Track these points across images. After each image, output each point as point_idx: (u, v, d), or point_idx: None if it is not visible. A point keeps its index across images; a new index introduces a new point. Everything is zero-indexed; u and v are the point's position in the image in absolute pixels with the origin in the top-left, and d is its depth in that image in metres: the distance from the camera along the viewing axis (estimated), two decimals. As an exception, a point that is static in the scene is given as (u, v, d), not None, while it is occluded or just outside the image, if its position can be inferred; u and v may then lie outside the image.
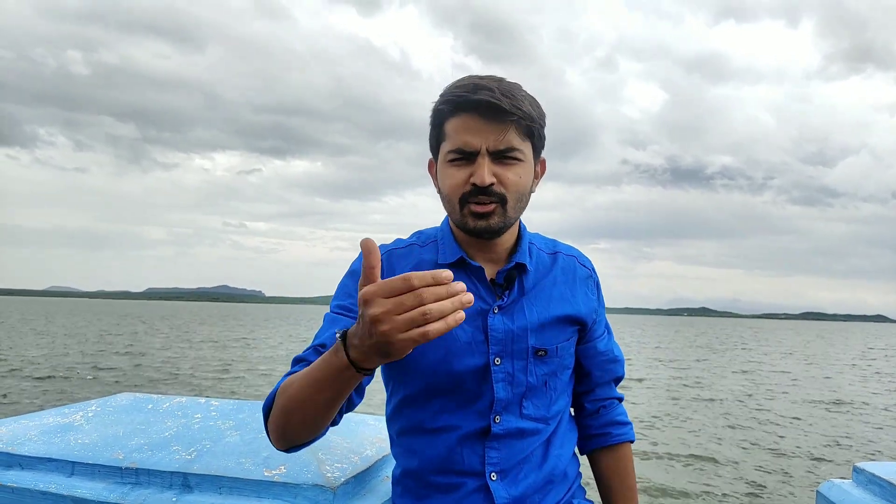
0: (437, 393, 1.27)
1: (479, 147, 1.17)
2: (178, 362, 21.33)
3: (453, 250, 1.29)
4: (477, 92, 1.15)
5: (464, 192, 1.20)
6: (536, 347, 1.27)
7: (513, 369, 1.26)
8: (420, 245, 1.34)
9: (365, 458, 1.49)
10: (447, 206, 1.26)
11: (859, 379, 22.93)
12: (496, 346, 1.25)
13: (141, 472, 1.36)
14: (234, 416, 1.67)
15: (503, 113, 1.15)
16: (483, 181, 1.16)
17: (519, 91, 1.20)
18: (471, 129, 1.17)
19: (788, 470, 8.94)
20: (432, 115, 1.25)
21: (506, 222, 1.22)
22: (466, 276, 1.28)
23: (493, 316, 1.26)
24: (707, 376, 21.62)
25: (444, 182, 1.23)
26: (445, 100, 1.20)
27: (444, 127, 1.22)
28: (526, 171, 1.23)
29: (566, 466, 1.33)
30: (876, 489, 1.46)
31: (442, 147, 1.23)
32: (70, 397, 13.47)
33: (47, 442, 1.47)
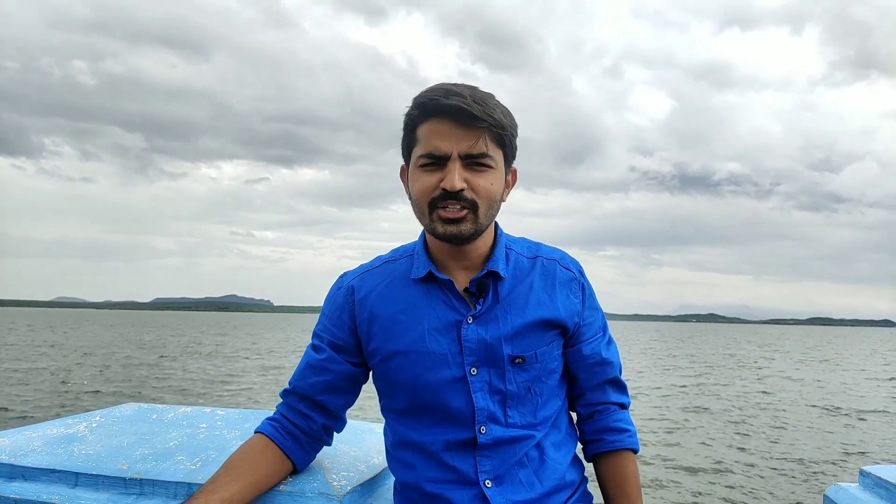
0: (420, 407, 1.28)
1: (450, 152, 1.17)
2: (183, 372, 21.32)
3: (424, 264, 1.30)
4: (449, 97, 1.15)
5: (433, 197, 1.20)
6: (513, 355, 1.26)
7: (489, 378, 1.26)
8: (395, 260, 1.36)
9: (371, 466, 1.48)
10: (416, 211, 1.26)
11: (866, 383, 22.81)
12: (471, 356, 1.25)
13: (145, 482, 1.35)
14: (240, 425, 1.66)
15: (475, 119, 1.15)
16: (453, 186, 1.17)
17: (491, 100, 1.20)
18: (442, 133, 1.17)
19: (795, 473, 8.89)
20: (404, 120, 1.25)
21: (477, 229, 1.22)
22: (438, 287, 1.29)
23: (467, 326, 1.26)
24: (715, 382, 21.53)
25: (414, 186, 1.23)
26: (417, 104, 1.20)
27: (416, 132, 1.22)
28: (497, 179, 1.23)
29: (565, 471, 1.31)
30: (883, 492, 1.45)
31: (413, 152, 1.23)
32: (74, 408, 13.47)
33: (51, 453, 1.46)
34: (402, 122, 1.25)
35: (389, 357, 1.29)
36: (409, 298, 1.29)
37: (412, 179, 1.25)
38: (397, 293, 1.31)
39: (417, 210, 1.25)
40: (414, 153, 1.23)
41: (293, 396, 1.35)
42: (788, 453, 10.25)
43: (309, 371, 1.34)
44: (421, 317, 1.27)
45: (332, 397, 1.34)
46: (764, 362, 32.55)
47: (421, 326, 1.26)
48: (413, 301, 1.29)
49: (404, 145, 1.27)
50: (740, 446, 10.72)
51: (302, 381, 1.34)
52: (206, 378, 19.67)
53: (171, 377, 19.76)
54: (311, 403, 1.34)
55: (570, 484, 1.32)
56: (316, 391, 1.33)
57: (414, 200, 1.25)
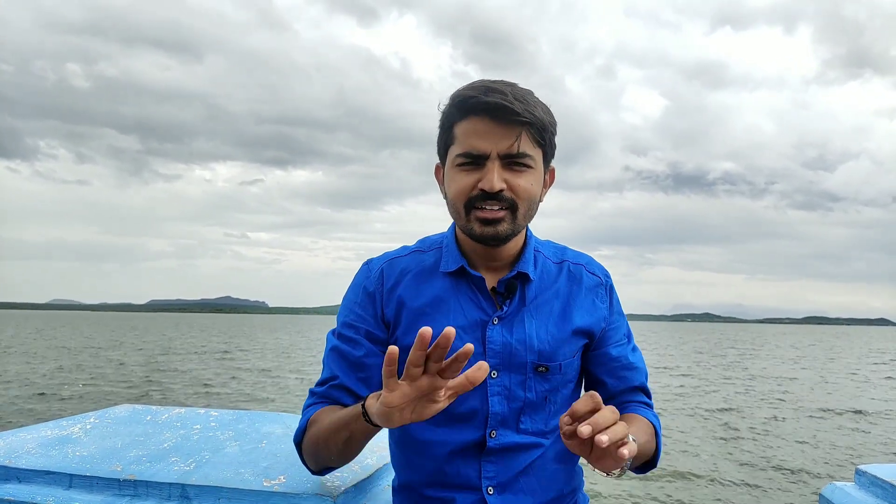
0: None
1: (489, 151, 1.13)
2: (178, 373, 21.29)
3: (456, 258, 1.26)
4: (489, 94, 1.11)
5: (470, 197, 1.16)
6: (537, 363, 1.23)
7: (510, 384, 1.22)
8: (423, 251, 1.31)
9: (365, 466, 1.48)
10: (452, 211, 1.22)
11: (862, 383, 22.88)
12: (493, 358, 1.21)
13: (139, 483, 1.35)
14: (234, 426, 1.66)
15: (515, 117, 1.11)
16: (492, 187, 1.12)
17: (532, 97, 1.16)
18: (481, 132, 1.13)
19: (791, 473, 8.91)
20: (441, 117, 1.20)
21: (514, 230, 1.18)
22: (467, 284, 1.25)
23: (493, 327, 1.22)
24: (709, 381, 21.57)
25: (451, 186, 1.19)
26: (455, 102, 1.16)
27: (454, 130, 1.17)
28: (536, 179, 1.18)
29: (569, 480, 1.29)
30: (878, 491, 1.45)
31: (450, 151, 1.19)
32: (68, 409, 13.44)
33: (45, 455, 1.46)
34: (441, 118, 1.21)
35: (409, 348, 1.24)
36: (437, 291, 1.25)
37: (449, 179, 1.20)
38: (425, 285, 1.26)
39: (453, 210, 1.21)
40: (451, 152, 1.19)
41: (341, 391, 1.24)
42: (784, 452, 10.27)
43: (348, 366, 1.25)
44: (447, 312, 1.23)
45: (370, 391, 1.26)
46: (758, 361, 32.62)
47: (446, 321, 1.21)
48: (441, 294, 1.25)
49: (440, 143, 1.23)
50: (735, 445, 10.73)
51: (346, 377, 1.24)
52: (199, 379, 19.64)
53: (165, 378, 19.73)
54: (356, 398, 1.24)
55: (569, 493, 1.30)
56: (363, 386, 1.24)
57: (450, 200, 1.21)
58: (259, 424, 1.68)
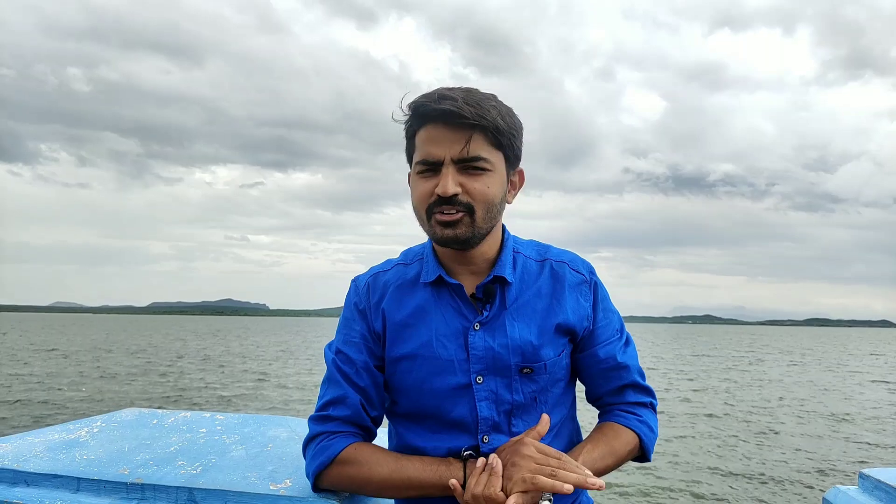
0: (422, 413, 1.26)
1: (443, 157, 1.16)
2: (183, 376, 21.29)
3: (434, 268, 1.28)
4: (440, 101, 1.14)
5: (429, 203, 1.19)
6: (521, 365, 1.24)
7: (496, 387, 1.23)
8: (406, 264, 1.34)
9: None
10: (417, 218, 1.25)
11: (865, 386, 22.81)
12: (477, 364, 1.23)
13: (146, 487, 1.35)
14: (240, 430, 1.67)
15: (465, 120, 1.13)
16: (445, 191, 1.15)
17: (488, 101, 1.18)
18: (435, 139, 1.17)
19: (794, 477, 8.89)
20: (405, 127, 1.24)
21: (475, 232, 1.20)
22: (447, 292, 1.27)
23: (474, 333, 1.24)
24: (710, 384, 21.53)
25: (413, 193, 1.23)
26: (412, 111, 1.20)
27: (415, 138, 1.21)
28: (495, 181, 1.20)
29: None
30: (882, 495, 1.45)
31: (413, 158, 1.23)
32: (75, 413, 13.45)
33: (52, 458, 1.47)
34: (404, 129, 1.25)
35: (397, 361, 1.27)
36: (419, 302, 1.28)
37: (412, 186, 1.24)
38: (407, 297, 1.29)
39: (417, 217, 1.25)
40: (413, 160, 1.23)
41: (363, 413, 1.27)
42: (786, 456, 10.25)
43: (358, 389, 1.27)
44: (430, 321, 1.26)
45: (382, 411, 1.32)
46: (759, 364, 32.55)
47: (430, 331, 1.25)
48: (423, 305, 1.27)
49: (407, 152, 1.27)
50: (737, 448, 10.71)
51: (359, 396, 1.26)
52: (205, 382, 19.63)
53: (170, 382, 19.73)
54: (372, 420, 1.30)
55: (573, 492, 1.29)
56: (371, 407, 1.29)
57: (413, 207, 1.24)
58: (265, 428, 1.68)
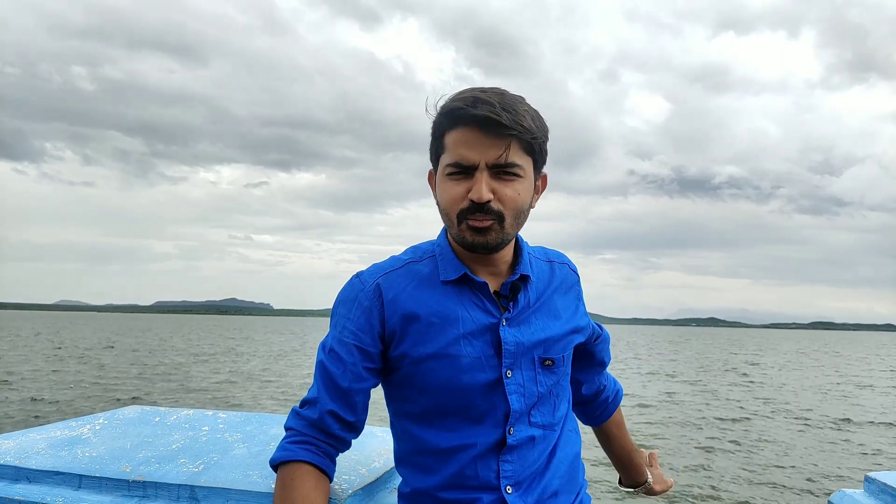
0: (446, 411, 1.25)
1: (478, 162, 1.15)
2: (186, 374, 21.33)
3: (456, 266, 1.27)
4: (477, 106, 1.13)
5: (462, 208, 1.18)
6: (543, 357, 1.28)
7: (523, 380, 1.26)
8: (417, 261, 1.31)
9: (372, 469, 1.48)
10: (445, 219, 1.24)
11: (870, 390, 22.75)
12: (508, 358, 1.24)
13: (148, 484, 1.35)
14: (242, 428, 1.66)
15: (503, 128, 1.13)
16: (480, 197, 1.14)
17: (521, 105, 1.17)
18: (469, 142, 1.15)
19: (800, 480, 8.86)
20: (433, 125, 1.23)
21: (503, 238, 1.20)
22: (469, 290, 1.27)
23: (504, 328, 1.25)
24: (714, 387, 21.49)
25: (442, 196, 1.21)
26: (445, 112, 1.18)
27: (444, 139, 1.20)
28: (525, 188, 1.20)
29: (572, 469, 1.33)
30: (888, 498, 1.44)
31: (441, 159, 1.21)
32: (77, 410, 13.49)
33: (54, 455, 1.47)
34: (432, 126, 1.23)
35: (421, 360, 1.24)
36: (441, 300, 1.26)
37: (440, 188, 1.23)
38: (428, 295, 1.26)
39: (446, 219, 1.24)
40: (441, 160, 1.22)
41: (331, 419, 1.23)
42: (791, 459, 10.22)
43: (336, 391, 1.24)
44: (454, 319, 1.24)
45: (364, 416, 1.29)
46: (763, 367, 32.48)
47: (455, 329, 1.23)
48: (445, 303, 1.25)
49: (432, 151, 1.26)
50: (741, 452, 10.69)
51: (333, 403, 1.23)
52: (207, 380, 19.68)
53: (173, 379, 19.78)
54: (345, 425, 1.26)
55: (577, 480, 1.35)
56: (349, 412, 1.25)
57: (442, 209, 1.24)
58: (267, 426, 1.68)
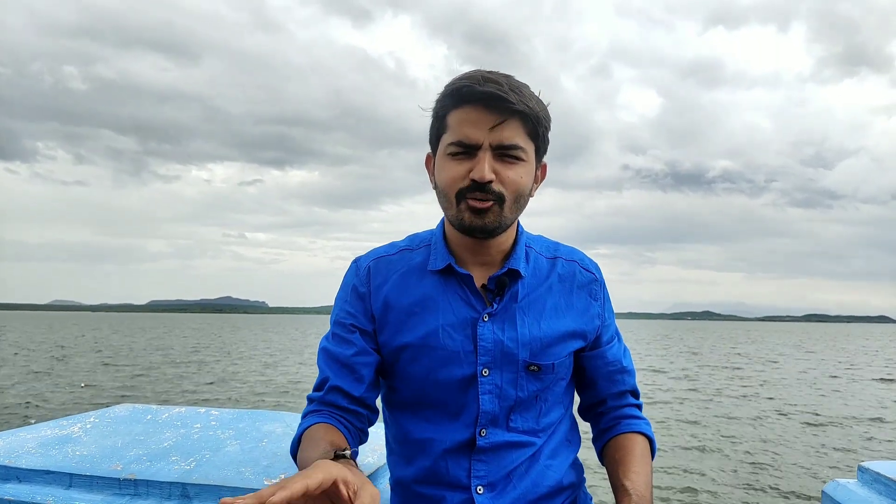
0: (423, 403, 1.24)
1: (482, 141, 1.12)
2: (179, 373, 21.30)
3: (443, 256, 1.24)
4: (484, 84, 1.10)
5: (461, 187, 1.14)
6: (529, 362, 1.21)
7: (501, 382, 1.20)
8: (412, 249, 1.29)
9: (366, 465, 1.48)
10: (443, 200, 1.19)
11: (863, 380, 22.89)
12: (485, 356, 1.19)
13: (140, 483, 1.34)
14: (234, 425, 1.66)
15: (510, 105, 1.10)
16: (483, 177, 1.11)
17: (527, 89, 1.15)
18: (474, 121, 1.12)
19: (793, 470, 8.91)
20: (435, 105, 1.18)
21: (501, 222, 1.16)
22: (455, 282, 1.23)
23: (483, 324, 1.20)
24: (710, 379, 21.59)
25: (442, 175, 1.17)
26: (450, 90, 1.14)
27: (447, 118, 1.16)
28: (527, 172, 1.17)
29: (561, 477, 1.25)
30: (881, 488, 1.44)
31: (442, 139, 1.17)
32: (68, 409, 13.45)
33: (45, 454, 1.46)
34: (434, 106, 1.19)
35: (400, 349, 1.22)
36: (426, 290, 1.23)
37: (439, 167, 1.19)
38: (413, 284, 1.24)
39: (444, 199, 1.19)
40: (443, 140, 1.17)
41: (335, 393, 1.21)
42: (785, 449, 10.27)
43: (340, 367, 1.22)
44: (436, 311, 1.21)
45: (374, 393, 1.26)
46: (757, 360, 32.62)
47: (436, 321, 1.20)
48: (429, 293, 1.23)
49: (433, 132, 1.21)
50: (734, 443, 10.73)
51: (337, 378, 1.21)
52: (200, 378, 19.64)
53: (166, 377, 19.73)
54: (353, 400, 1.22)
55: (567, 488, 1.27)
56: (355, 385, 1.21)
57: (440, 190, 1.19)
58: (259, 423, 1.67)
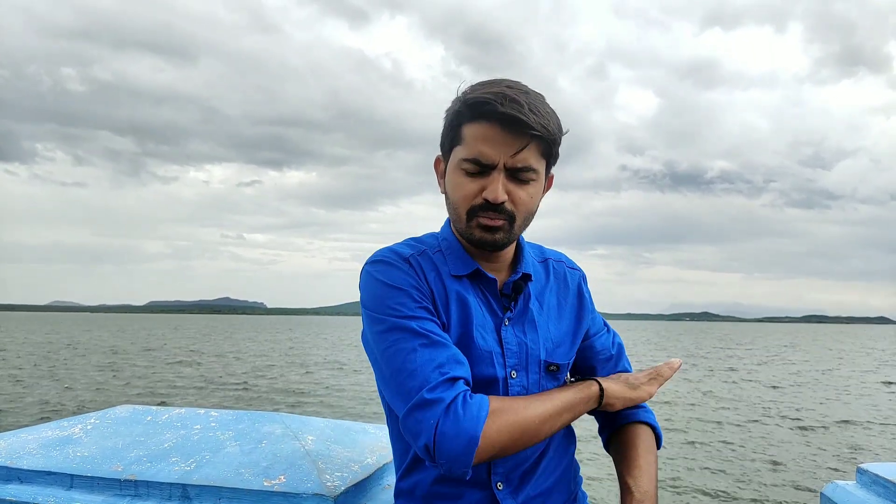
0: None
1: (497, 161, 1.12)
2: (179, 374, 21.29)
3: (466, 261, 1.24)
4: (505, 104, 1.10)
5: (473, 205, 1.16)
6: (549, 362, 1.25)
7: (528, 383, 1.23)
8: (431, 253, 1.28)
9: (365, 466, 1.48)
10: (453, 213, 1.21)
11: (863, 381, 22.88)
12: (512, 358, 1.22)
13: (140, 483, 1.35)
14: (234, 426, 1.66)
15: (527, 130, 1.11)
16: (496, 198, 1.13)
17: (544, 106, 1.15)
18: (490, 139, 1.12)
19: (791, 472, 8.91)
20: (452, 114, 1.18)
21: (510, 239, 1.19)
22: (476, 286, 1.25)
23: (506, 329, 1.23)
24: (709, 380, 21.58)
25: (455, 190, 1.18)
26: (471, 102, 1.14)
27: (462, 130, 1.16)
28: (537, 191, 1.19)
29: (566, 469, 1.31)
30: (880, 490, 1.45)
31: (456, 150, 1.18)
32: (69, 410, 13.44)
33: (46, 455, 1.46)
34: (448, 112, 1.19)
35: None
36: (458, 290, 1.23)
37: (451, 181, 1.20)
38: (447, 283, 1.23)
39: (454, 213, 1.21)
40: (457, 152, 1.18)
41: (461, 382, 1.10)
42: (784, 451, 10.27)
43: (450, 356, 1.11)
44: (470, 311, 1.22)
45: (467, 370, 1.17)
46: (755, 361, 32.63)
47: (470, 321, 1.21)
48: (462, 293, 1.23)
49: (446, 139, 1.21)
50: (732, 445, 10.74)
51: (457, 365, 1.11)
52: (203, 379, 19.64)
53: (165, 378, 19.73)
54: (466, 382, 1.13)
55: (570, 481, 1.32)
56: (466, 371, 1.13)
57: (452, 203, 1.20)
58: (259, 424, 1.68)
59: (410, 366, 1.09)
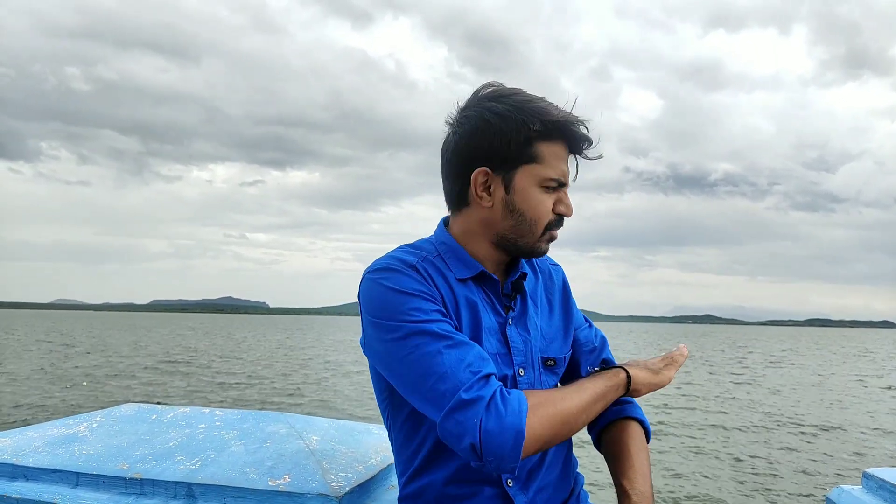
0: None
1: (568, 179, 1.24)
2: (184, 373, 21.32)
3: (471, 263, 1.25)
4: (579, 126, 1.20)
5: (550, 220, 1.23)
6: (545, 357, 1.29)
7: (533, 380, 1.26)
8: (431, 257, 1.27)
9: (369, 466, 1.48)
10: (525, 227, 1.22)
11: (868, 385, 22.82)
12: (518, 357, 1.25)
13: (145, 482, 1.35)
14: (239, 425, 1.66)
15: (588, 150, 1.23)
16: (571, 214, 1.24)
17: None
18: (564, 158, 1.22)
19: (797, 476, 8.89)
20: (518, 128, 1.17)
21: None
22: (480, 288, 1.26)
23: (510, 328, 1.26)
24: (711, 384, 21.54)
25: (535, 207, 1.21)
26: (548, 122, 1.17)
27: (535, 146, 1.18)
28: None
29: (566, 465, 1.33)
30: (886, 495, 1.44)
31: (530, 168, 1.19)
32: (74, 408, 13.47)
33: (51, 453, 1.46)
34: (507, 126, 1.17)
35: None
36: (464, 294, 1.23)
37: (531, 197, 1.21)
38: (454, 286, 1.23)
39: (527, 227, 1.22)
40: (532, 169, 1.20)
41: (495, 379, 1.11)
42: (789, 455, 10.25)
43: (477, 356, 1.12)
44: (479, 314, 1.23)
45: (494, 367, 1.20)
46: (759, 364, 32.55)
47: (480, 324, 1.22)
48: (468, 297, 1.23)
49: (519, 153, 1.20)
50: (737, 449, 10.71)
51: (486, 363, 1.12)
52: (207, 378, 19.66)
53: (171, 377, 19.76)
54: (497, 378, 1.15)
55: (571, 476, 1.35)
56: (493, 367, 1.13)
57: (528, 218, 1.22)
58: (264, 424, 1.68)
59: (439, 369, 1.08)
